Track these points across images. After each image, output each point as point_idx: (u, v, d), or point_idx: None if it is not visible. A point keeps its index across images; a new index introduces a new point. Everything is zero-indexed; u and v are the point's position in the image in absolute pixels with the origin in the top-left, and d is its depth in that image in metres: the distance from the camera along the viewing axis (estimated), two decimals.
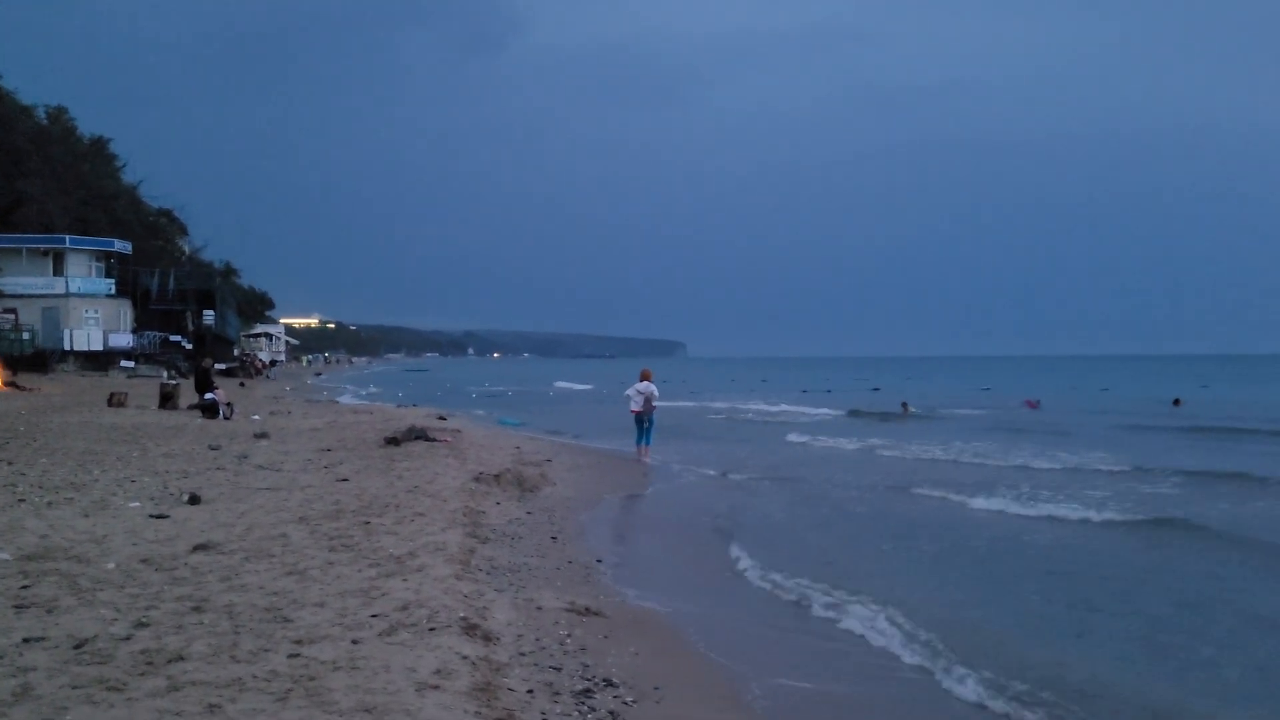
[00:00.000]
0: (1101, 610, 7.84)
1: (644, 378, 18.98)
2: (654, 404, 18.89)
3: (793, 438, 24.65)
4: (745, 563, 9.39)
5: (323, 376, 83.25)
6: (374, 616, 5.81)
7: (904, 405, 37.12)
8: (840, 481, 15.93)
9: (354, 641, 5.29)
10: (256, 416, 23.16)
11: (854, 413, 34.35)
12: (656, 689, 5.48)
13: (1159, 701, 5.70)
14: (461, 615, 6.07)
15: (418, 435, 17.31)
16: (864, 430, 26.92)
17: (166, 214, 73.12)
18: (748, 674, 6.03)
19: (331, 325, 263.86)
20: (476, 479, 13.15)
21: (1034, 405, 42.22)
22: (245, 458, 14.26)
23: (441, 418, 24.97)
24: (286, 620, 5.67)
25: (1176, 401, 41.97)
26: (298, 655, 5.01)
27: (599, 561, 9.11)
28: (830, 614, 7.55)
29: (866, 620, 7.27)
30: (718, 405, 39.25)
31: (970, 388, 64.76)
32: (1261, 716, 5.60)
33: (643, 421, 18.73)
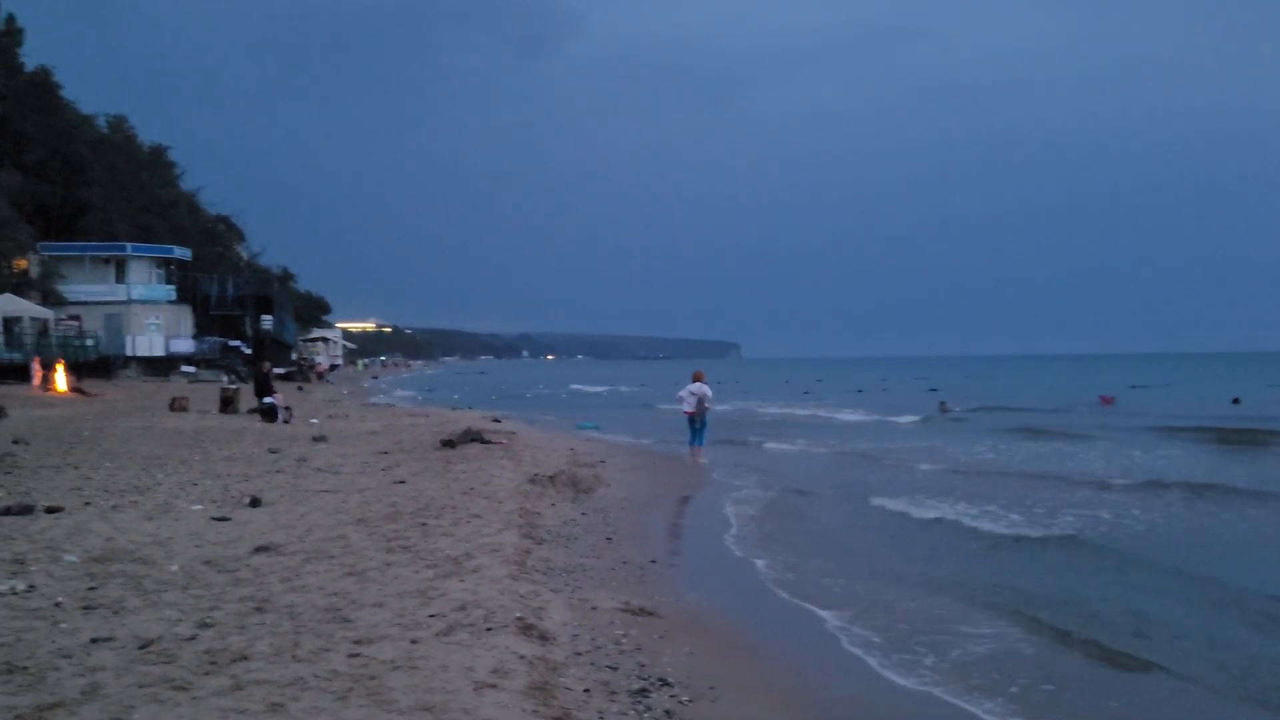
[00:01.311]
0: None
1: (696, 379, 18.88)
2: (707, 405, 18.79)
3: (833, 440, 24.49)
4: (793, 568, 9.30)
5: (379, 380, 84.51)
6: (432, 616, 5.85)
7: (942, 405, 36.78)
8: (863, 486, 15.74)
9: (412, 641, 5.32)
10: (315, 420, 23.55)
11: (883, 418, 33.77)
12: (712, 689, 5.43)
13: None
14: (518, 615, 6.09)
15: (473, 438, 17.44)
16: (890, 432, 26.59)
17: (224, 220, 74.96)
18: (802, 676, 5.96)
19: (388, 329, 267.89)
20: (531, 480, 13.21)
21: (1109, 402, 41.39)
22: (304, 461, 14.49)
23: (496, 420, 25.15)
24: (346, 620, 5.73)
25: (1236, 400, 40.83)
26: (357, 655, 5.06)
27: (653, 562, 9.08)
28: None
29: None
30: (770, 410, 38.88)
31: (1036, 385, 63.70)
32: None
33: (695, 423, 18.66)
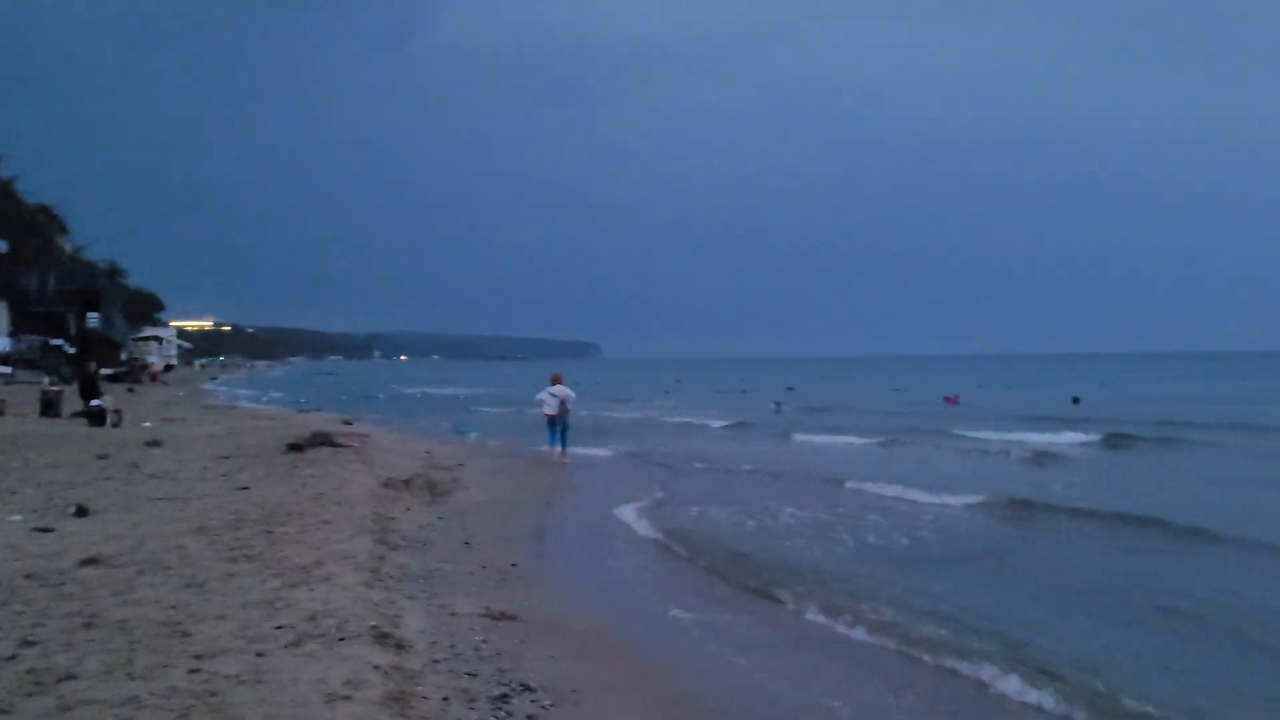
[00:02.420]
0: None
1: (555, 381, 18.94)
2: (569, 407, 18.85)
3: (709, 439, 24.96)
4: (661, 561, 9.39)
5: (219, 381, 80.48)
6: (280, 628, 5.59)
7: (777, 404, 38.73)
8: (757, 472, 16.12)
9: (258, 654, 5.07)
10: (148, 424, 22.19)
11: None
12: (574, 691, 5.41)
13: None
14: (372, 624, 5.89)
15: (322, 441, 16.82)
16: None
17: (45, 210, 69.61)
18: (668, 674, 6.02)
19: (227, 328, 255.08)
20: (385, 484, 12.84)
21: (954, 402, 43.60)
22: (136, 466, 13.62)
23: (347, 422, 24.35)
24: (185, 634, 5.41)
25: (1075, 400, 43.80)
26: (199, 670, 4.78)
27: (514, 566, 8.97)
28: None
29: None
30: (630, 414, 39.12)
31: (885, 387, 66.57)
32: None
33: (556, 424, 18.67)
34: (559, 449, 18.77)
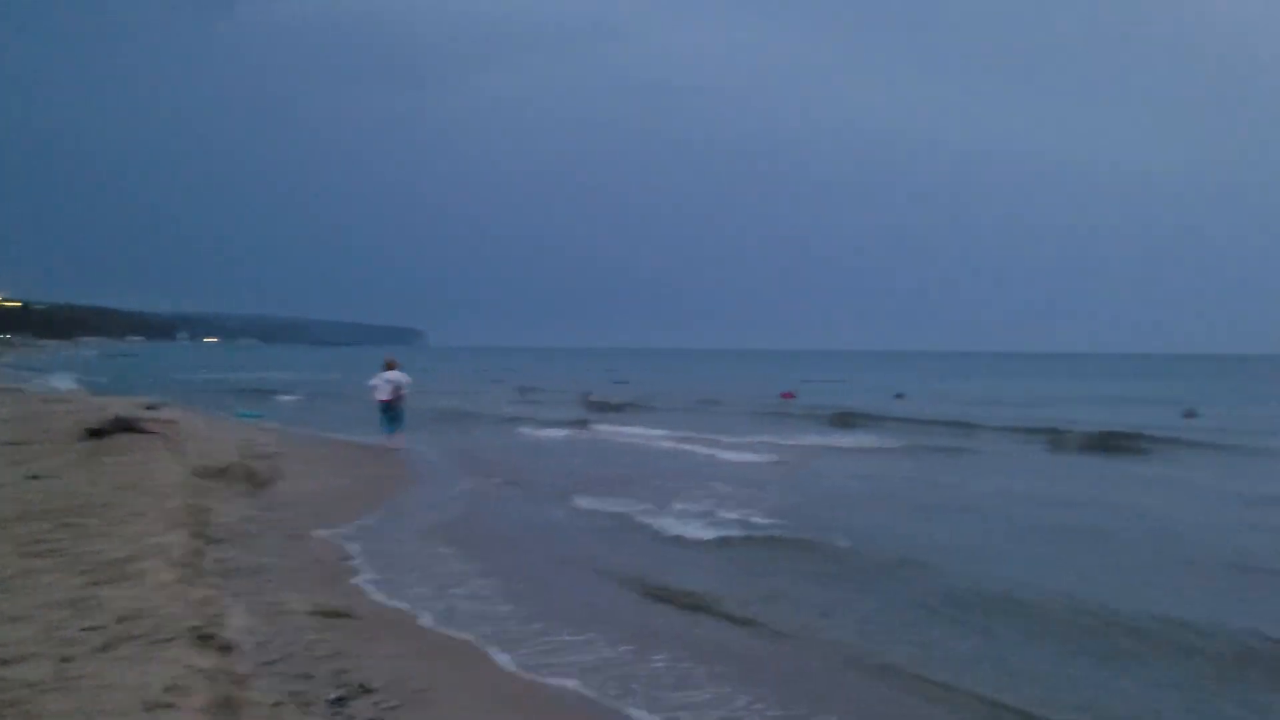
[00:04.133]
0: None
1: (389, 366, 18.44)
2: (404, 392, 18.35)
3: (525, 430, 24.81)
4: (504, 551, 9.21)
5: (4, 361, 73.43)
6: (89, 630, 5.09)
7: (588, 398, 39.80)
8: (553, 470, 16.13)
9: (65, 659, 4.59)
10: None
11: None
12: (420, 691, 5.20)
13: None
14: (193, 624, 5.46)
15: (125, 426, 15.56)
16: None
17: None
18: (513, 668, 5.88)
19: (15, 304, 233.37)
20: (199, 474, 12.02)
21: (790, 396, 44.96)
22: None
23: (151, 407, 22.68)
24: None
25: (899, 396, 46.22)
26: None
27: (347, 559, 8.58)
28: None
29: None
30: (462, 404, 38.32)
31: (734, 379, 68.13)
32: None
33: (390, 410, 18.13)
34: (391, 436, 18.21)
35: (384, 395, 18.08)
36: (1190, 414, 33.59)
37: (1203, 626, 6.90)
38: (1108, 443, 22.14)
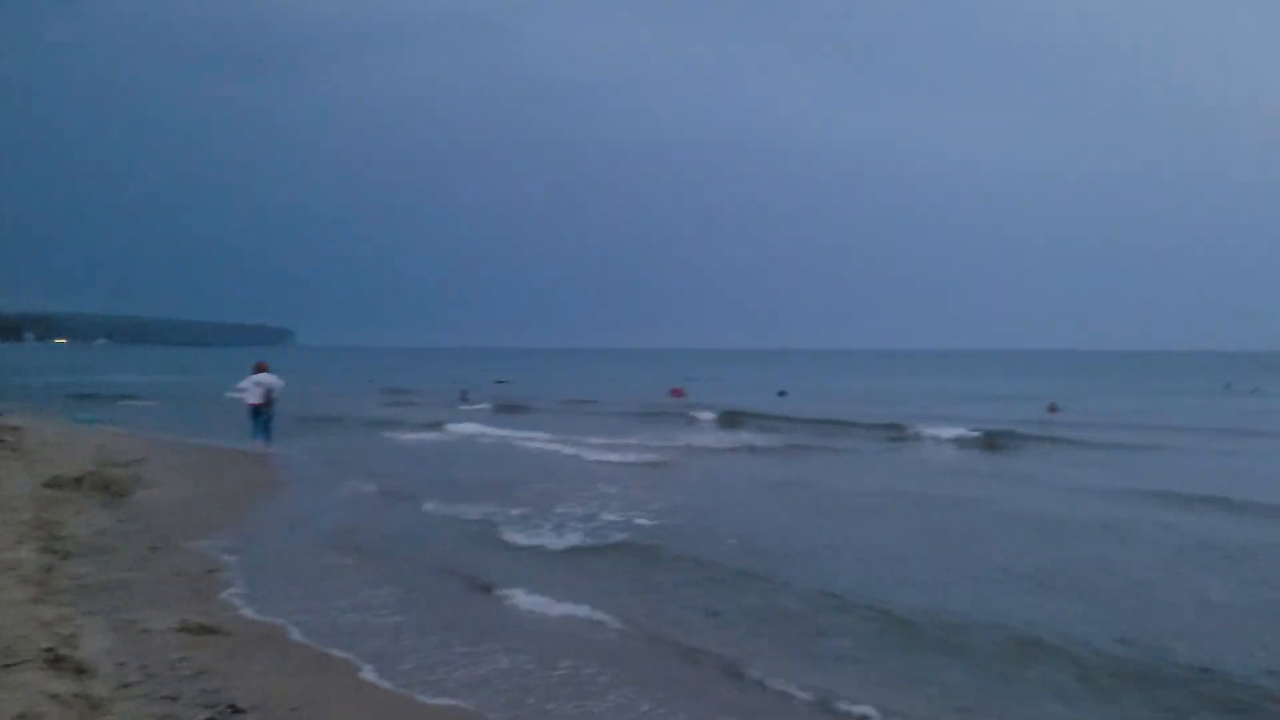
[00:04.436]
0: None
1: (260, 369, 17.80)
2: (275, 396, 17.71)
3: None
4: (378, 560, 8.96)
5: None
6: None
7: (463, 392, 41.57)
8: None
9: None
10: None
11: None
12: (294, 710, 5.02)
13: None
14: (45, 646, 5.17)
15: None
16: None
17: None
18: (390, 683, 5.73)
19: None
20: (51, 485, 11.32)
21: (679, 394, 45.26)
22: None
23: None
24: None
25: (782, 393, 47.27)
26: None
27: (213, 572, 8.19)
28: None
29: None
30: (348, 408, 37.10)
31: (619, 378, 68.04)
32: None
33: (260, 415, 17.45)
34: (261, 442, 17.54)
35: (254, 399, 17.42)
36: (1054, 409, 35.60)
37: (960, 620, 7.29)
38: (965, 441, 23.23)
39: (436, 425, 26.45)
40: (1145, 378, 74.63)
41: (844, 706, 5.49)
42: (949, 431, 24.40)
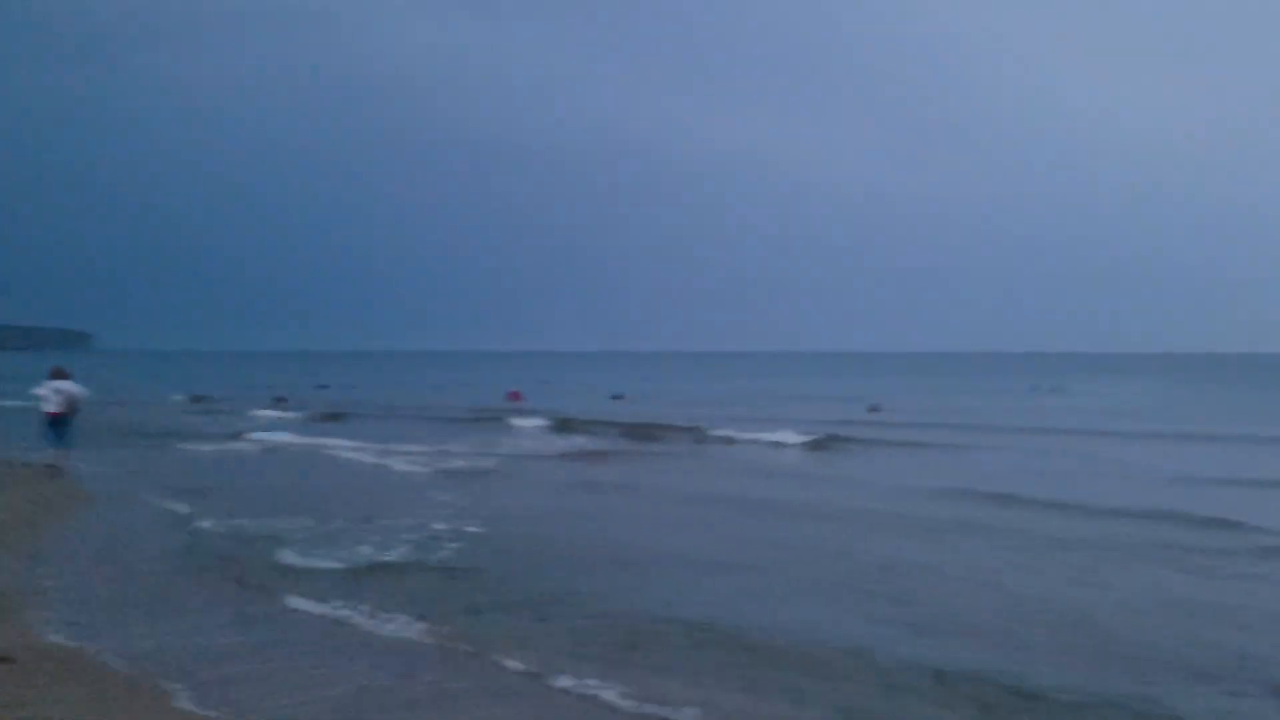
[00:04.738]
0: None
1: (58, 375, 16.56)
2: (78, 406, 16.58)
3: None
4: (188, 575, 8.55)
5: None
6: None
7: (280, 399, 41.42)
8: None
9: None
10: None
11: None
12: None
13: None
14: None
15: None
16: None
17: None
18: (193, 706, 5.51)
19: None
20: None
21: (517, 397, 44.36)
22: None
23: None
24: None
25: (617, 397, 47.57)
26: None
27: (11, 595, 7.61)
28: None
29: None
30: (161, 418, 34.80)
31: (459, 382, 66.32)
32: None
33: (59, 424, 16.25)
34: (63, 451, 16.37)
35: (53, 408, 16.20)
36: (874, 409, 37.71)
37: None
38: (789, 441, 24.35)
39: (241, 435, 25.38)
40: (961, 378, 79.91)
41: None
42: (770, 435, 25.43)
